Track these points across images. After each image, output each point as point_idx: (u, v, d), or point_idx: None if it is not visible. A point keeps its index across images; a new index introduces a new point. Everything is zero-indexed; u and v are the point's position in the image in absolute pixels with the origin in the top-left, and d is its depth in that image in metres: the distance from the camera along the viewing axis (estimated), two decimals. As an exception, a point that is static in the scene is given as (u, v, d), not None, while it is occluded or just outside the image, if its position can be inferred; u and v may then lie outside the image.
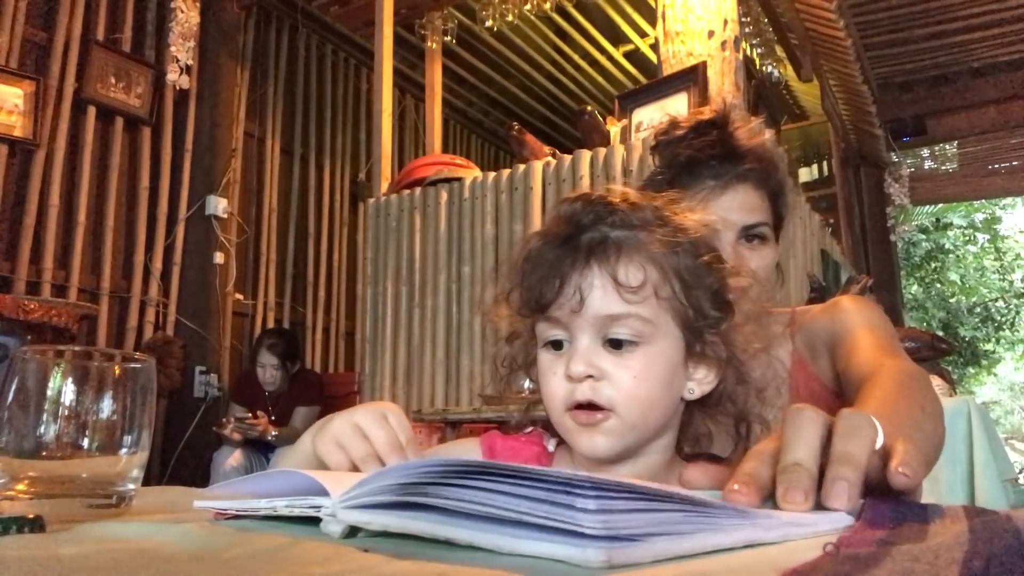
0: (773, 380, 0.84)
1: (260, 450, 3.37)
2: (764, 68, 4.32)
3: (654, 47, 3.60)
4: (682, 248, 0.65)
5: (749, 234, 0.94)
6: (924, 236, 10.33)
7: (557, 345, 0.66)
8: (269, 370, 3.42)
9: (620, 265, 0.62)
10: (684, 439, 0.71)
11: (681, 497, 0.34)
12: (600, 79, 5.26)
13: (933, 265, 10.60)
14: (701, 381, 0.67)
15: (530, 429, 0.77)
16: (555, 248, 0.65)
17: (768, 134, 0.99)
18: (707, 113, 0.99)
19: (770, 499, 0.43)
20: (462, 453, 0.75)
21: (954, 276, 10.61)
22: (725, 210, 0.93)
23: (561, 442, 0.75)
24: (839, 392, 0.88)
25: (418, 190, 2.91)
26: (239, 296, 4.03)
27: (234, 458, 3.27)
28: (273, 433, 3.30)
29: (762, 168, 0.96)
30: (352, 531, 0.39)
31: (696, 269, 0.65)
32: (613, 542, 0.30)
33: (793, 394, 0.95)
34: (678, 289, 0.64)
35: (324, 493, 0.41)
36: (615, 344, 0.63)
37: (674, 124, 1.01)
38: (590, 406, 0.63)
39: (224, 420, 3.34)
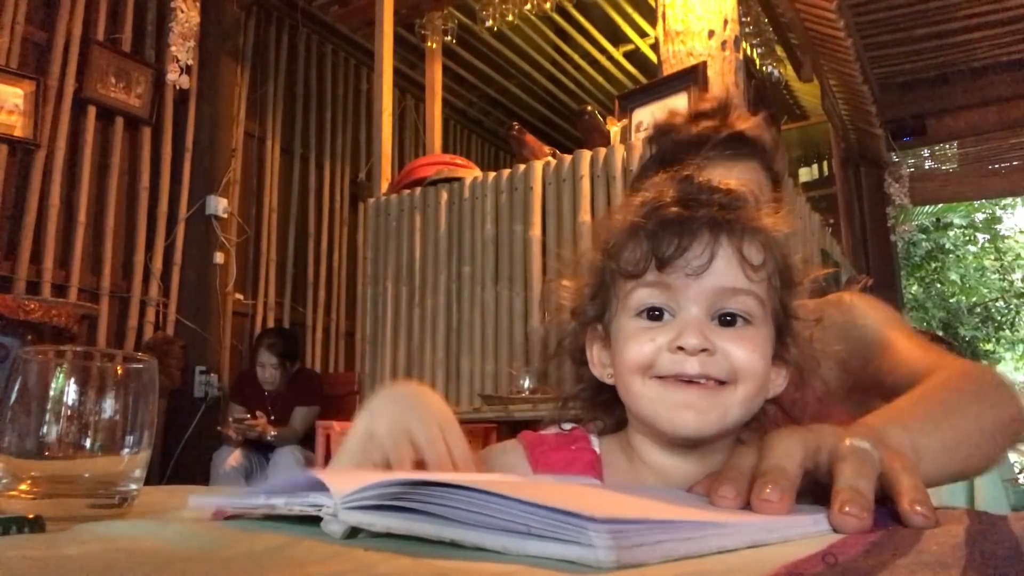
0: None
1: (259, 450, 3.37)
2: (764, 68, 4.32)
3: (654, 47, 3.60)
4: (783, 245, 0.63)
5: None
6: (924, 236, 10.32)
7: (654, 315, 0.61)
8: (268, 369, 3.42)
9: (745, 242, 0.60)
10: None
11: (691, 523, 0.34)
12: (600, 79, 5.25)
13: (933, 265, 10.60)
14: (773, 381, 0.64)
15: (570, 427, 0.71)
16: (677, 209, 0.61)
17: (770, 129, 0.97)
18: (708, 103, 0.98)
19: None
20: (507, 461, 0.69)
21: (954, 276, 10.60)
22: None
23: (603, 432, 0.70)
24: (844, 393, 0.86)
25: (418, 190, 2.91)
26: (239, 296, 4.03)
27: (233, 458, 3.27)
28: (272, 433, 3.30)
29: (767, 153, 0.94)
30: (352, 532, 0.39)
31: (790, 269, 0.64)
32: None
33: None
34: (778, 283, 0.63)
35: (324, 490, 0.41)
36: (727, 322, 0.59)
37: (674, 114, 1.00)
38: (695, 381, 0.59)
39: (227, 420, 3.35)
